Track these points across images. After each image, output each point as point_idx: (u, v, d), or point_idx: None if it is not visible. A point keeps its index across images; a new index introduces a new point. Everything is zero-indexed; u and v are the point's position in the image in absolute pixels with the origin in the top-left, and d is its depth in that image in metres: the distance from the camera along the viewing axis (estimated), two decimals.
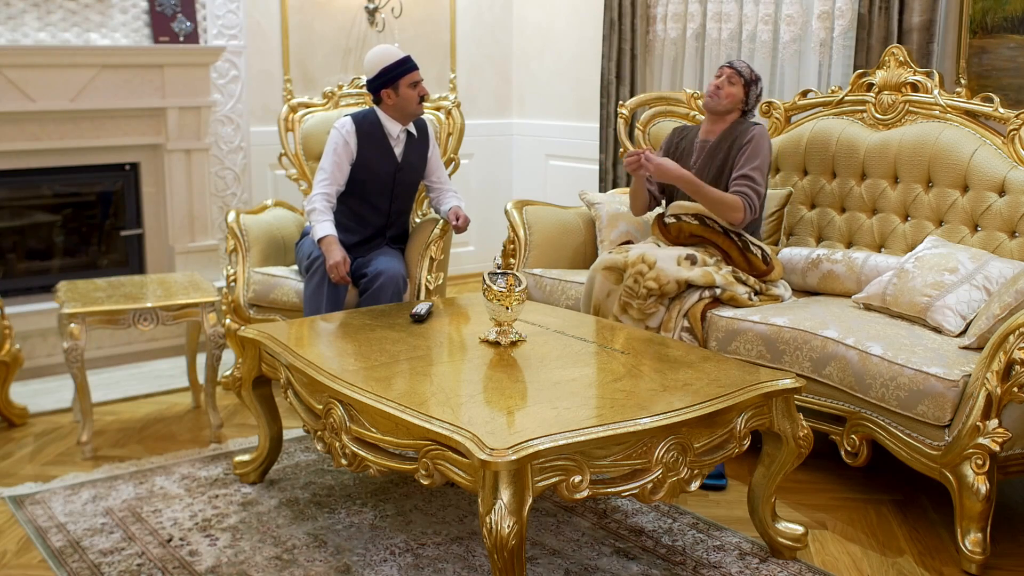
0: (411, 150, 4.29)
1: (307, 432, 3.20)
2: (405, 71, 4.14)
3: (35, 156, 4.81)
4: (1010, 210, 3.69)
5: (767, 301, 3.84)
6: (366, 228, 4.25)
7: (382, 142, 4.21)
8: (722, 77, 4.03)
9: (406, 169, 4.28)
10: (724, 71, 4.05)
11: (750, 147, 3.93)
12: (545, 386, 2.82)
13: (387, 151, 4.21)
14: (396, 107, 4.18)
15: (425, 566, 2.96)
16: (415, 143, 4.30)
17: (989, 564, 2.97)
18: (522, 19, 6.73)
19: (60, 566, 2.97)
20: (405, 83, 4.14)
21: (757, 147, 3.93)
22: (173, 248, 5.15)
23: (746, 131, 3.98)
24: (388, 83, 4.14)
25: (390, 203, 4.28)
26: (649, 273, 3.70)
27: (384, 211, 4.28)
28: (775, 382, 2.85)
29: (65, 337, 3.76)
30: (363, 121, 4.20)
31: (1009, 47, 4.27)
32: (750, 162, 3.90)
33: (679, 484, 2.61)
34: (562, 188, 6.25)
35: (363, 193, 4.23)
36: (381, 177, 4.22)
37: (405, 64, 4.14)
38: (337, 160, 4.16)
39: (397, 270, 4.08)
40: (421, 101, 4.21)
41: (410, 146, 4.28)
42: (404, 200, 4.36)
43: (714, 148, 4.02)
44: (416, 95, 4.17)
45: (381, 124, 4.21)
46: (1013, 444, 3.01)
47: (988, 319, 3.19)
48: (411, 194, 4.40)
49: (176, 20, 5.01)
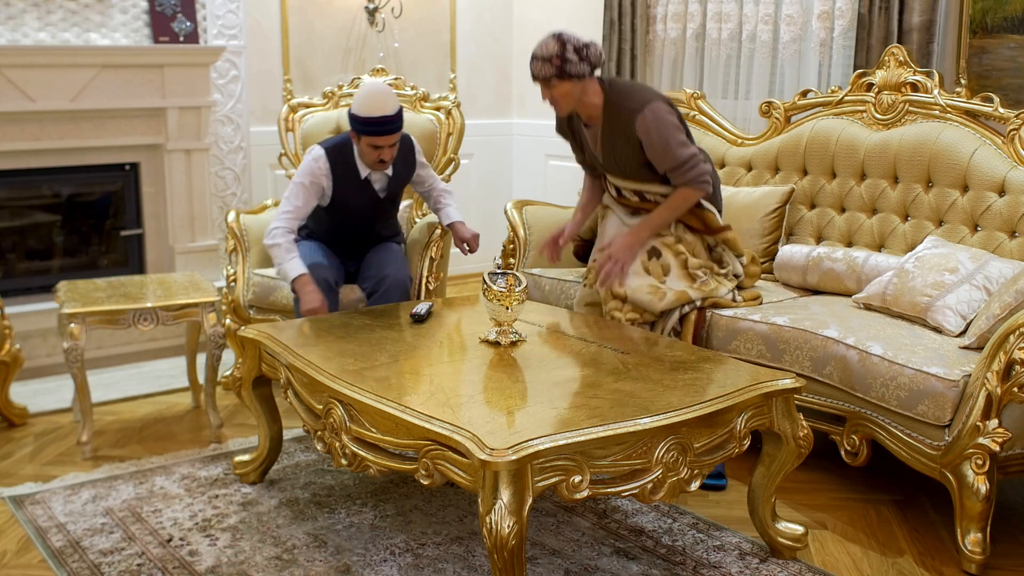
0: (393, 181, 4.03)
1: (307, 432, 3.20)
2: (367, 132, 3.77)
3: (35, 156, 4.80)
4: (1010, 210, 3.69)
5: (749, 300, 3.82)
6: (349, 240, 4.11)
7: (358, 179, 3.94)
8: (541, 89, 3.55)
9: (388, 200, 4.06)
10: (537, 83, 3.54)
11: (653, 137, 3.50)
12: (545, 386, 2.82)
13: (364, 187, 3.96)
14: (360, 155, 3.89)
15: (425, 566, 2.96)
16: (398, 173, 4.03)
17: (989, 564, 2.97)
18: (522, 19, 6.73)
19: (60, 566, 2.97)
20: (366, 141, 3.80)
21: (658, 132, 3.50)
22: (173, 248, 5.15)
23: (630, 122, 3.52)
24: (354, 130, 3.83)
25: (371, 226, 4.11)
26: (625, 307, 3.63)
27: (365, 231, 4.11)
28: (775, 382, 2.85)
29: (65, 337, 3.76)
30: (338, 156, 3.90)
31: (1009, 47, 4.27)
32: (665, 149, 3.51)
33: (679, 484, 2.61)
34: (562, 188, 6.25)
35: (340, 220, 4.03)
36: (359, 211, 4.00)
37: (370, 126, 3.75)
38: (305, 196, 3.89)
39: (403, 275, 3.99)
40: (383, 164, 3.86)
41: (394, 179, 4.02)
42: (386, 218, 4.17)
43: (607, 138, 3.63)
44: (375, 156, 3.82)
45: (355, 158, 3.90)
46: (1013, 444, 3.00)
47: (988, 319, 3.19)
48: (393, 211, 4.21)
49: (176, 20, 5.01)
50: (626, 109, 3.53)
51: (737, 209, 4.22)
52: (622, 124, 3.54)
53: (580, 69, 3.46)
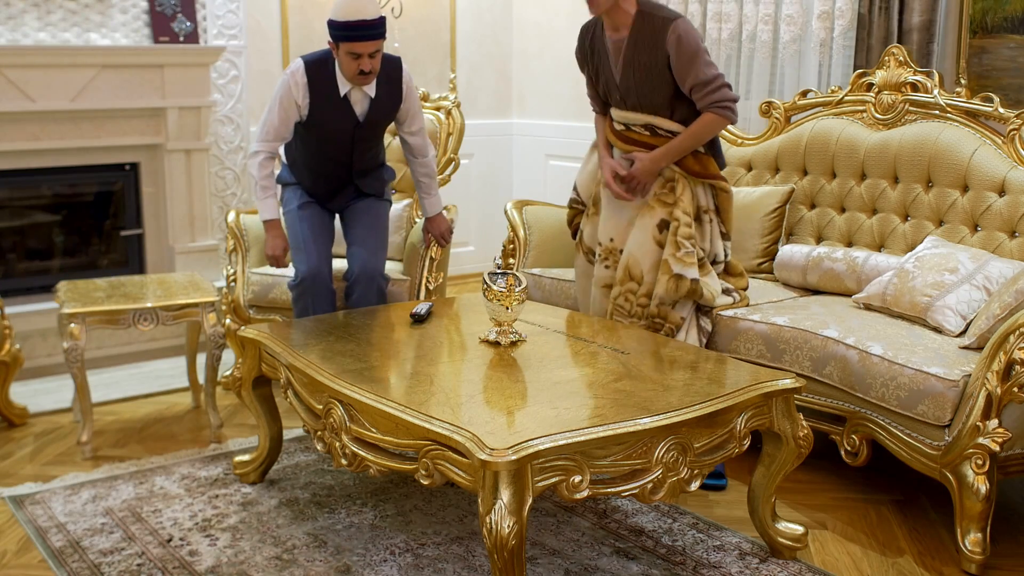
0: (375, 106, 3.84)
1: (307, 432, 3.20)
2: (344, 37, 3.59)
3: (35, 156, 4.80)
4: (1010, 210, 3.69)
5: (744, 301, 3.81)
6: (330, 180, 3.98)
7: (337, 96, 3.75)
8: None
9: (368, 126, 3.86)
10: None
11: (683, 49, 3.46)
12: (545, 386, 2.82)
13: (343, 107, 3.77)
14: (339, 64, 3.71)
15: (425, 566, 2.96)
16: (380, 98, 3.83)
17: (989, 564, 2.97)
18: (522, 19, 6.73)
19: (60, 566, 2.97)
20: (344, 48, 3.62)
21: (688, 44, 3.46)
22: (173, 248, 5.15)
23: (663, 29, 3.48)
24: (332, 37, 3.65)
25: (350, 160, 3.93)
26: (640, 290, 3.61)
27: (345, 164, 3.94)
28: (775, 382, 2.85)
29: (65, 337, 3.76)
30: (317, 69, 3.71)
31: (1009, 47, 4.27)
32: (694, 63, 3.47)
33: (679, 484, 2.61)
34: (562, 188, 6.24)
35: (318, 148, 3.88)
36: (337, 135, 3.83)
37: (347, 30, 3.58)
38: (282, 114, 3.75)
39: (373, 267, 3.87)
40: (365, 75, 3.68)
41: (376, 103, 3.83)
42: (367, 152, 3.98)
43: (632, 50, 3.55)
44: (355, 67, 3.64)
45: (335, 75, 3.71)
46: (1013, 444, 3.01)
47: (988, 319, 3.19)
48: (375, 145, 4.01)
49: (176, 20, 5.01)
50: (659, 17, 3.50)
51: (737, 209, 4.20)
52: (652, 32, 3.49)
53: None
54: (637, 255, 3.63)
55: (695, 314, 3.65)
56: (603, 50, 3.66)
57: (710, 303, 3.64)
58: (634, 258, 3.63)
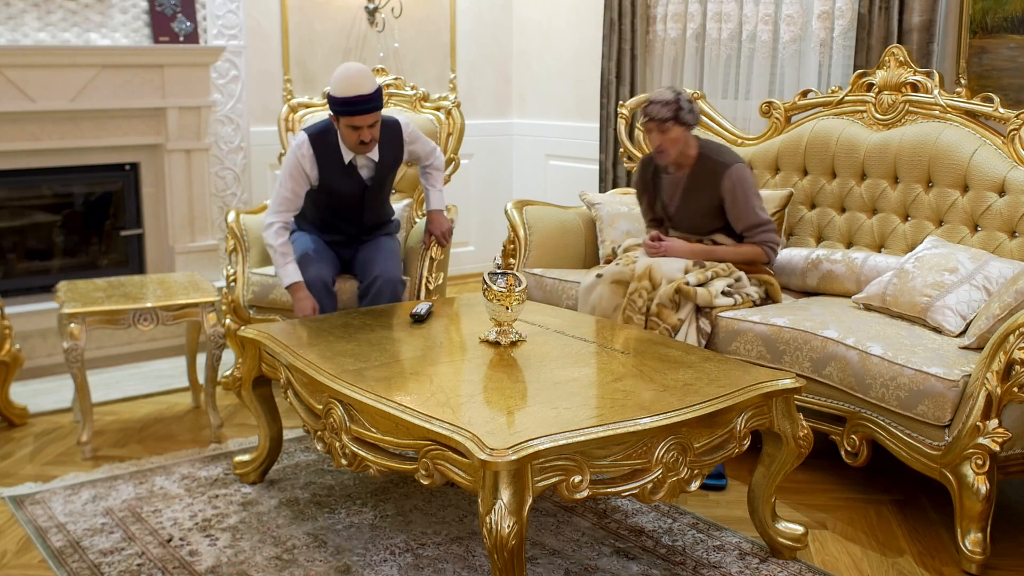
0: (380, 167, 3.99)
1: (307, 432, 3.20)
2: (343, 112, 3.76)
3: (35, 156, 4.80)
4: (1010, 210, 3.69)
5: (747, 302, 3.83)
6: (340, 233, 4.12)
7: (343, 164, 3.92)
8: (653, 132, 3.80)
9: (375, 187, 4.03)
10: (651, 126, 3.80)
11: (737, 195, 3.80)
12: (545, 386, 2.82)
13: (350, 172, 3.94)
14: (341, 137, 3.88)
15: (425, 566, 2.96)
16: (384, 159, 3.99)
17: (989, 564, 2.97)
18: (522, 19, 6.73)
19: (60, 566, 2.97)
20: (344, 122, 3.79)
21: (743, 191, 3.81)
22: (173, 248, 5.15)
23: (719, 174, 3.81)
24: (332, 112, 3.82)
25: (360, 215, 4.08)
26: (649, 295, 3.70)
27: (355, 220, 4.09)
28: (775, 382, 2.85)
29: (65, 337, 3.76)
30: (321, 141, 3.89)
31: (1009, 47, 4.27)
32: (747, 207, 3.81)
33: (679, 484, 2.61)
34: (562, 188, 6.25)
35: (328, 205, 4.02)
36: (347, 198, 3.99)
37: (346, 106, 3.73)
38: (293, 186, 3.90)
39: (393, 274, 3.99)
40: (365, 145, 3.83)
41: (381, 165, 3.99)
42: (376, 206, 4.13)
43: (689, 189, 3.92)
44: (356, 138, 3.80)
45: (340, 143, 3.89)
46: (1013, 444, 3.00)
47: (988, 319, 3.19)
48: (383, 199, 4.17)
49: (176, 20, 5.01)
50: (719, 163, 3.85)
51: None
52: (710, 175, 3.84)
53: (690, 119, 3.82)
54: (663, 268, 3.74)
55: (694, 315, 3.66)
56: (661, 184, 4.01)
57: (708, 304, 3.66)
58: (659, 269, 3.74)
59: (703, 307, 3.69)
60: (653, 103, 3.81)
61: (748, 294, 3.82)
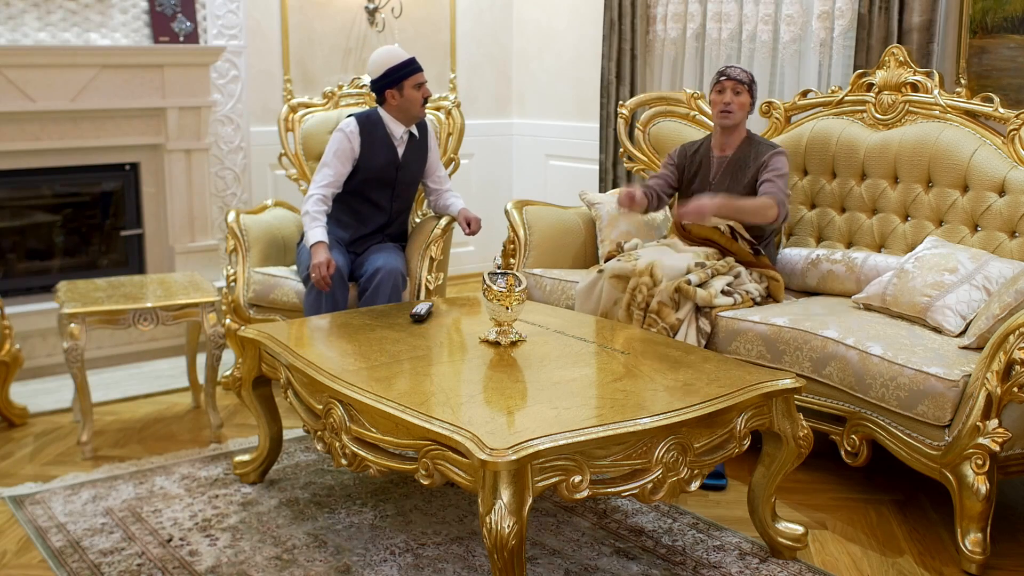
0: (412, 150, 4.31)
1: (307, 432, 3.20)
2: (410, 72, 4.16)
3: (35, 156, 4.80)
4: (1010, 210, 3.69)
5: (748, 302, 3.84)
6: (366, 225, 4.28)
7: (385, 141, 4.22)
8: (726, 92, 3.98)
9: (407, 168, 4.30)
10: (726, 84, 3.99)
11: (775, 168, 3.92)
12: (545, 386, 2.82)
13: (390, 150, 4.23)
14: (400, 108, 4.20)
15: (425, 566, 2.96)
16: (416, 144, 4.32)
17: (989, 564, 2.97)
18: (522, 19, 6.73)
19: (60, 566, 2.97)
20: (410, 84, 4.16)
21: (781, 165, 3.93)
22: (173, 248, 5.15)
23: (765, 152, 3.97)
24: (393, 84, 4.16)
25: (391, 200, 4.31)
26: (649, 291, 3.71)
27: (386, 209, 4.30)
28: (775, 382, 2.85)
29: (65, 337, 3.76)
30: (366, 121, 4.23)
31: (1009, 47, 4.27)
32: (775, 171, 3.91)
33: (679, 484, 2.61)
34: (562, 188, 6.25)
35: (365, 191, 4.24)
36: (383, 175, 4.24)
37: (410, 65, 4.17)
38: (339, 160, 4.18)
39: (395, 266, 4.09)
40: (425, 103, 4.23)
41: (411, 146, 4.30)
42: (405, 199, 4.39)
43: (735, 165, 4.02)
44: (420, 96, 4.19)
45: (384, 124, 4.23)
46: (1013, 444, 3.00)
47: (988, 319, 3.19)
48: (411, 193, 4.42)
49: (176, 20, 5.01)
50: (767, 145, 4.03)
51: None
52: (757, 154, 3.99)
53: (756, 99, 4.09)
54: (666, 265, 3.75)
55: (694, 315, 3.66)
56: (705, 164, 4.13)
57: (708, 304, 3.66)
58: (661, 266, 3.74)
59: (703, 307, 3.69)
60: (733, 67, 4.04)
61: (748, 291, 3.82)
